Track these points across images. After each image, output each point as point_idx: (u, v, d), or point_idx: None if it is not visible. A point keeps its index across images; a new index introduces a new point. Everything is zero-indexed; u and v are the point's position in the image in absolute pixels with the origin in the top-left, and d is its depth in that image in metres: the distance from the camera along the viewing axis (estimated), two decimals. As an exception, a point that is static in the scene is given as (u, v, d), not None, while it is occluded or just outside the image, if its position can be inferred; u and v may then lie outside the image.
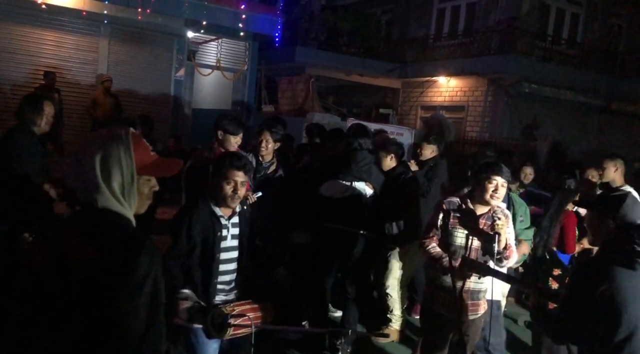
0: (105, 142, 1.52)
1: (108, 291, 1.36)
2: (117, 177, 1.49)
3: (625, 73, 14.01)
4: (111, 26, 9.78)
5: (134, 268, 1.38)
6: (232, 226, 2.89)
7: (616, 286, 2.21)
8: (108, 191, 1.47)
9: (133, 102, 9.98)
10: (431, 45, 14.98)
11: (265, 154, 4.32)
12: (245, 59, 11.52)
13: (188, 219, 2.77)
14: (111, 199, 1.47)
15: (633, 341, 2.21)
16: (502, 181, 3.20)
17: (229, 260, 2.88)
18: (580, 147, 12.69)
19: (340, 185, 4.29)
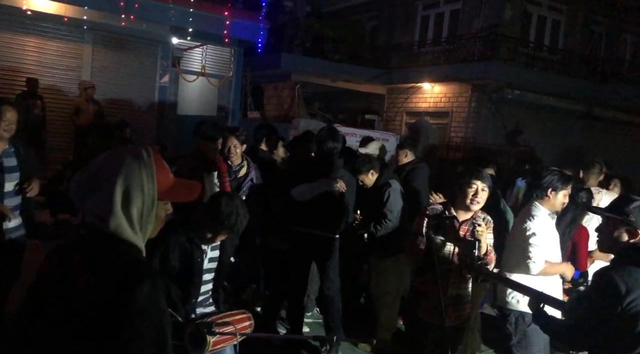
0: (128, 164, 1.39)
1: (111, 322, 1.28)
2: (137, 203, 1.38)
3: (606, 79, 14.24)
4: (94, 33, 9.71)
5: (135, 298, 1.28)
6: (211, 249, 2.86)
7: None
8: (124, 216, 1.37)
9: (117, 109, 9.90)
10: (416, 51, 15.10)
11: (234, 158, 4.35)
12: (231, 66, 11.51)
13: (165, 246, 2.68)
14: (124, 225, 1.37)
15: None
16: (482, 186, 3.22)
17: (207, 281, 2.86)
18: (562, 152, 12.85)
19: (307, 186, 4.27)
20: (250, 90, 12.89)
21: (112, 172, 1.38)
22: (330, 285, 4.43)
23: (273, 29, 12.24)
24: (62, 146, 9.27)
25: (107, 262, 1.34)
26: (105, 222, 1.36)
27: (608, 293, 2.23)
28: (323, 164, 4.36)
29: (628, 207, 2.36)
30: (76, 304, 1.30)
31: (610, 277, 2.25)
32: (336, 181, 4.21)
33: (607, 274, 2.27)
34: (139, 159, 1.41)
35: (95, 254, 1.36)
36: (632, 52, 16.10)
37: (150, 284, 1.31)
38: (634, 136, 15.64)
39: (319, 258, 4.43)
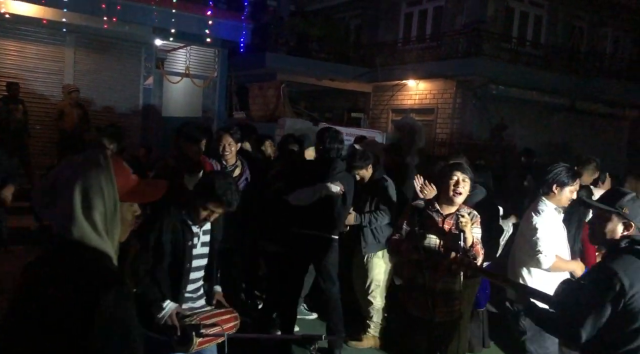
0: (84, 170, 1.37)
1: (78, 334, 1.25)
2: (99, 208, 1.36)
3: (588, 73, 14.41)
4: (76, 35, 9.61)
5: (99, 309, 1.26)
6: (203, 233, 2.86)
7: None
8: (87, 223, 1.35)
9: (101, 113, 9.81)
10: (400, 49, 15.15)
11: (229, 157, 4.33)
12: (215, 66, 11.45)
13: (159, 225, 2.70)
14: (89, 232, 1.35)
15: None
16: (462, 176, 3.26)
17: (198, 268, 2.85)
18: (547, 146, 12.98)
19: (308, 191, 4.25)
20: (236, 90, 12.86)
21: (70, 179, 1.36)
22: (331, 286, 4.43)
23: (257, 28, 12.20)
24: (45, 150, 9.17)
25: (72, 272, 1.31)
26: (68, 231, 1.34)
27: (610, 287, 2.20)
28: (323, 166, 4.35)
29: (622, 201, 2.37)
30: (46, 315, 1.28)
31: (612, 270, 2.22)
32: (336, 185, 4.22)
33: (608, 267, 2.25)
34: (96, 163, 1.39)
35: (61, 263, 1.33)
36: (612, 45, 16.31)
37: (115, 294, 1.29)
38: (616, 129, 15.87)
39: (319, 259, 4.41)
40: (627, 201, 2.36)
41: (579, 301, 2.29)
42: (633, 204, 2.37)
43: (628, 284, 2.16)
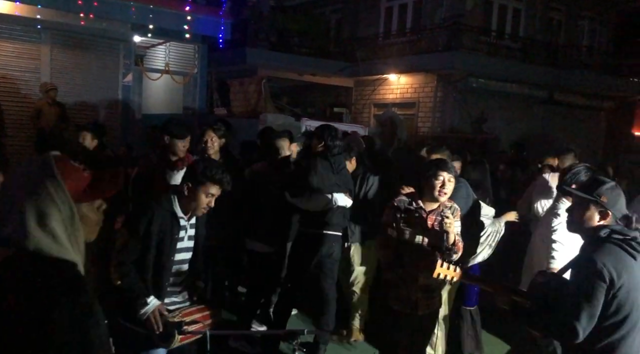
0: (30, 182, 1.32)
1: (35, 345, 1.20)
2: (54, 216, 1.31)
3: (566, 65, 14.61)
4: (52, 32, 9.45)
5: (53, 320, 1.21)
6: (190, 226, 2.87)
7: (631, 278, 2.19)
8: (44, 234, 1.30)
9: (80, 111, 9.68)
10: (381, 43, 15.18)
11: (213, 153, 4.32)
12: (195, 62, 11.37)
13: (149, 217, 2.70)
14: (45, 243, 1.29)
15: (635, 330, 2.21)
16: (448, 176, 3.28)
17: (182, 261, 2.86)
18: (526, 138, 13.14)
19: (323, 198, 4.27)
20: (216, 86, 12.77)
21: (19, 191, 1.31)
22: (331, 284, 4.47)
23: (237, 23, 12.11)
24: (23, 150, 9.03)
25: (28, 283, 1.26)
26: (24, 243, 1.29)
27: (602, 279, 2.17)
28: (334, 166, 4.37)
29: (600, 189, 2.35)
30: (5, 326, 1.23)
31: (599, 262, 2.19)
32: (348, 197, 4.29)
33: (594, 259, 2.21)
34: (42, 172, 1.34)
35: (19, 273, 1.28)
36: (589, 38, 16.54)
37: (72, 305, 1.24)
38: (594, 120, 16.13)
39: (323, 257, 4.42)
40: (605, 189, 2.35)
41: (569, 295, 2.25)
42: (611, 193, 2.35)
43: (615, 275, 2.16)
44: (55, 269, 1.30)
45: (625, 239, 2.25)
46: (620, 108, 16.19)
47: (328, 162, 4.32)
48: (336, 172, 4.36)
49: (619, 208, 2.34)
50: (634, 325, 2.19)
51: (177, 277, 2.85)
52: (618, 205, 2.34)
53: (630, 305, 2.18)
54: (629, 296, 2.18)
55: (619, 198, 2.36)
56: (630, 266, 2.22)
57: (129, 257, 2.68)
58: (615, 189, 2.37)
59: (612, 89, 15.17)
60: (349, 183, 4.47)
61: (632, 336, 2.20)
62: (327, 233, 4.33)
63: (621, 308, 2.17)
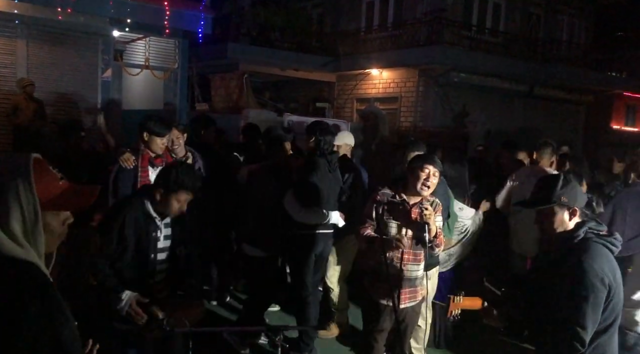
0: (2, 176, 1.30)
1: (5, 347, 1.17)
2: (16, 216, 1.27)
3: (546, 59, 14.78)
4: (28, 27, 9.25)
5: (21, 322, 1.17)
6: (164, 226, 2.87)
7: (617, 278, 2.17)
8: (2, 232, 1.27)
9: (58, 107, 9.50)
10: (362, 38, 15.18)
11: (179, 150, 4.36)
12: (176, 57, 11.23)
13: (121, 218, 2.72)
14: (6, 242, 1.26)
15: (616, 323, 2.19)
16: (433, 170, 3.31)
17: (161, 261, 2.86)
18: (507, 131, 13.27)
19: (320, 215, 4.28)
20: (197, 81, 12.65)
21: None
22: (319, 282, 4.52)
23: (218, 18, 12.01)
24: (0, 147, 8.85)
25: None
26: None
27: (603, 284, 2.12)
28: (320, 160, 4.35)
29: (556, 191, 2.27)
30: None
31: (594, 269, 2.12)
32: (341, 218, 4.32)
33: (589, 265, 2.13)
34: (14, 170, 1.31)
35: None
36: (568, 32, 16.74)
37: (41, 302, 1.22)
38: (573, 113, 16.36)
39: (320, 255, 4.44)
40: (560, 188, 2.27)
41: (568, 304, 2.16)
42: (568, 189, 2.27)
43: (611, 278, 2.13)
44: (19, 269, 1.27)
45: (602, 236, 2.23)
46: (599, 102, 16.44)
47: (325, 161, 4.33)
48: (332, 171, 4.38)
49: (581, 200, 2.29)
50: (615, 320, 2.20)
51: (158, 275, 2.84)
52: (579, 197, 2.28)
53: (616, 304, 2.17)
54: (619, 296, 2.17)
55: (576, 190, 2.28)
56: (614, 262, 2.21)
57: (102, 259, 2.68)
58: (569, 183, 2.29)
59: (591, 83, 15.39)
60: (340, 181, 4.50)
61: (612, 330, 2.22)
62: (322, 232, 4.34)
63: (614, 308, 2.16)
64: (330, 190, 4.32)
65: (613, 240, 2.22)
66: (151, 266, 2.80)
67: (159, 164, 3.91)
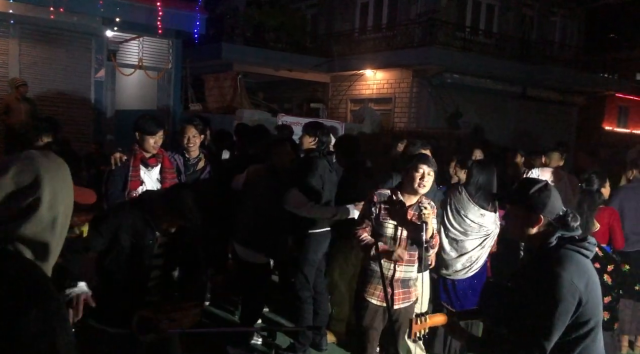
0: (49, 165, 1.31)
1: None
2: (62, 204, 1.31)
3: (538, 61, 14.86)
4: (21, 26, 9.20)
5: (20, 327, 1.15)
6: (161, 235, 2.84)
7: (590, 280, 2.11)
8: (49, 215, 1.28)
9: (50, 107, 9.44)
10: (357, 39, 15.21)
11: (193, 150, 4.23)
12: (169, 58, 11.19)
13: (117, 222, 2.68)
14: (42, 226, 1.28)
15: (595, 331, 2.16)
16: (428, 169, 3.32)
17: (157, 266, 2.83)
18: (501, 132, 13.33)
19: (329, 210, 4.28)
20: (191, 82, 12.62)
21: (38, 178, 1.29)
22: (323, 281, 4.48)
23: (212, 18, 12.00)
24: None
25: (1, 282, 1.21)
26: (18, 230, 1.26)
27: (573, 295, 2.06)
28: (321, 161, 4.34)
29: (528, 194, 2.20)
30: None
31: (564, 279, 2.06)
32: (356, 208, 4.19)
33: (559, 275, 2.07)
34: (55, 160, 1.34)
35: None
36: (561, 34, 16.84)
37: (40, 308, 1.19)
38: (566, 115, 16.45)
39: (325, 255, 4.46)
40: (534, 193, 2.19)
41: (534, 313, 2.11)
42: (542, 196, 2.19)
43: (583, 288, 2.08)
44: (26, 271, 1.25)
45: (575, 242, 2.16)
46: (591, 103, 16.55)
47: (326, 161, 4.30)
48: (334, 170, 4.36)
49: (551, 210, 2.18)
50: (596, 323, 2.16)
51: (153, 281, 2.82)
52: (548, 207, 2.18)
53: (592, 309, 2.13)
54: (593, 302, 2.12)
55: (550, 199, 2.19)
56: (589, 269, 2.15)
57: (79, 246, 2.64)
58: (544, 191, 2.20)
59: (583, 84, 15.49)
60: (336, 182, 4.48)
61: (593, 332, 2.16)
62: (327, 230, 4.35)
63: (590, 312, 2.12)
64: (333, 189, 4.32)
65: (587, 245, 2.15)
66: (146, 271, 2.77)
67: (152, 164, 3.87)
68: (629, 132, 18.49)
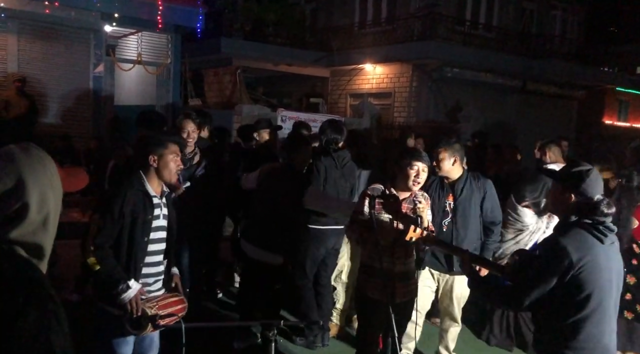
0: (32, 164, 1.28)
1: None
2: (51, 201, 1.28)
3: (538, 54, 14.81)
4: (19, 21, 9.18)
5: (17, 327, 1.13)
6: (163, 205, 2.86)
7: (593, 260, 2.23)
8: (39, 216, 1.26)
9: (49, 102, 9.45)
10: (356, 33, 15.15)
11: (190, 145, 4.22)
12: (168, 52, 11.18)
13: (122, 198, 2.68)
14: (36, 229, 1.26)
15: (599, 312, 2.25)
16: (422, 166, 3.32)
17: (157, 240, 2.82)
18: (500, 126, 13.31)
19: None
20: (190, 77, 12.59)
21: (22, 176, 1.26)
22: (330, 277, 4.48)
23: (211, 13, 11.95)
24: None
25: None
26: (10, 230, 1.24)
27: (560, 258, 2.25)
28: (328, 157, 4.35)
29: (568, 173, 2.41)
30: None
31: (559, 244, 2.27)
32: None
33: (557, 241, 2.29)
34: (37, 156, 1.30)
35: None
36: (561, 28, 16.79)
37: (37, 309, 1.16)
38: (566, 109, 16.42)
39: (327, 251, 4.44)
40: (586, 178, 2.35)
41: (528, 268, 2.36)
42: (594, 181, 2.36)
43: (577, 257, 2.21)
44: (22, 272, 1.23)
45: (593, 224, 2.29)
46: (591, 97, 16.51)
47: (330, 158, 4.30)
48: (340, 167, 4.35)
49: (583, 192, 2.33)
50: (598, 305, 2.25)
51: (153, 256, 2.81)
52: (581, 189, 2.33)
53: (591, 285, 2.23)
54: (590, 277, 2.23)
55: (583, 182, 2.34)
56: (594, 248, 2.26)
57: (105, 241, 2.64)
58: (584, 174, 2.35)
59: (583, 78, 15.45)
60: (353, 177, 4.49)
61: (597, 316, 2.26)
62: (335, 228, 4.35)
63: (582, 287, 2.23)
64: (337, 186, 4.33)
65: (601, 228, 2.28)
66: (144, 246, 2.75)
67: None
68: (629, 126, 18.46)
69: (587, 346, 2.25)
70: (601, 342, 2.27)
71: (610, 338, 2.32)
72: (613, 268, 2.30)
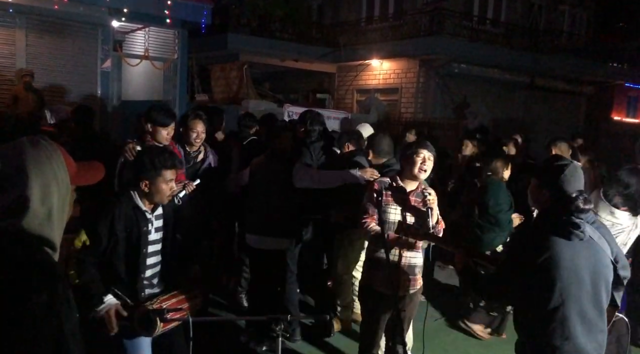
0: (38, 157, 1.31)
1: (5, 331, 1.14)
2: (55, 194, 1.31)
3: (546, 50, 14.71)
4: (27, 17, 9.21)
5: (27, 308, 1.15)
6: (155, 218, 2.84)
7: (553, 256, 2.24)
8: (42, 211, 1.28)
9: (57, 97, 9.48)
10: (363, 28, 15.11)
11: (197, 145, 4.21)
12: (175, 48, 11.18)
13: (110, 216, 2.67)
14: (41, 220, 1.28)
15: (564, 309, 2.26)
16: (428, 154, 3.32)
17: (153, 253, 2.83)
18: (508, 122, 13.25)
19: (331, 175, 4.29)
20: (197, 72, 12.61)
21: (22, 166, 1.29)
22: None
23: (218, 8, 11.96)
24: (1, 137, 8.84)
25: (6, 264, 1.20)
26: (17, 220, 1.26)
27: (522, 250, 2.36)
28: None
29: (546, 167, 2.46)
30: None
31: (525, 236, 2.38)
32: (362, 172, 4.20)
33: (524, 234, 2.44)
34: (45, 149, 1.33)
35: None
36: (569, 23, 16.66)
37: (48, 292, 1.19)
38: (574, 105, 16.32)
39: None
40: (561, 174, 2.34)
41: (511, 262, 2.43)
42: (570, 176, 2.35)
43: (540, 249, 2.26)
44: (39, 251, 1.27)
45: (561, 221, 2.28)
46: (600, 93, 16.40)
47: (307, 150, 4.30)
48: (316, 161, 4.33)
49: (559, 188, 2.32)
50: (567, 297, 2.26)
51: (150, 269, 2.82)
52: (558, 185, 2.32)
53: (551, 283, 2.24)
54: (549, 274, 2.24)
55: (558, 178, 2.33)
56: (563, 244, 2.26)
57: (88, 255, 2.66)
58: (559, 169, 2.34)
59: (591, 74, 15.34)
60: None
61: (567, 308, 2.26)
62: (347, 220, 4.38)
63: (542, 285, 2.26)
64: None
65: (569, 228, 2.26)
66: (143, 259, 2.76)
67: None
68: (638, 122, 18.32)
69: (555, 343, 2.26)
70: (572, 341, 2.24)
71: (589, 338, 2.28)
72: (583, 266, 2.27)
